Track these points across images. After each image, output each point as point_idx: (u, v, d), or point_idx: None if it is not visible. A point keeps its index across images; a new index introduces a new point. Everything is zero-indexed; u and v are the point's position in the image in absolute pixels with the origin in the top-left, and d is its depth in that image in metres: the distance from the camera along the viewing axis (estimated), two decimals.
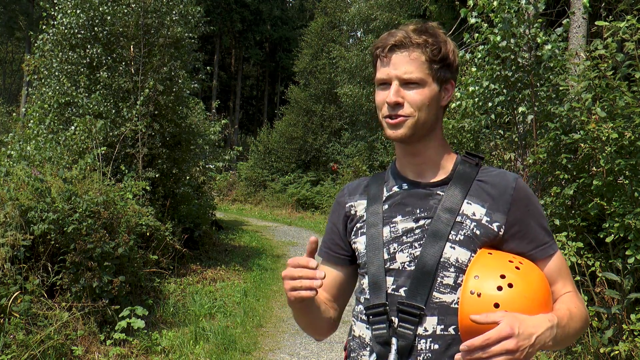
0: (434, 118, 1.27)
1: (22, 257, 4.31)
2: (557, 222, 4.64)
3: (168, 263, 6.91)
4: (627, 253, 3.82)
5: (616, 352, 3.75)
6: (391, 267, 1.25)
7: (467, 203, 1.24)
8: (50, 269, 4.58)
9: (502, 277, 1.12)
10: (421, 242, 1.23)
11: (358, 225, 1.35)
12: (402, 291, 1.22)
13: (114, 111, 7.42)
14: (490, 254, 1.20)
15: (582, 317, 1.23)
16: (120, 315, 4.72)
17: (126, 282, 4.94)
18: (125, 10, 7.72)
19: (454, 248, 1.21)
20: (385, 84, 1.25)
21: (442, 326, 1.18)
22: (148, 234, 6.41)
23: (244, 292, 7.08)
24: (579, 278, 4.25)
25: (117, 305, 4.76)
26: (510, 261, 1.17)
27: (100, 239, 4.67)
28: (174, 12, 8.13)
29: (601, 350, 3.85)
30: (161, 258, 6.70)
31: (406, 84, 1.22)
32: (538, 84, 5.11)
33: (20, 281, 4.19)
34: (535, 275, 1.17)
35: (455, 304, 1.19)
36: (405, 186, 1.32)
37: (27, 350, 3.73)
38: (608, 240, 3.97)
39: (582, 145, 4.39)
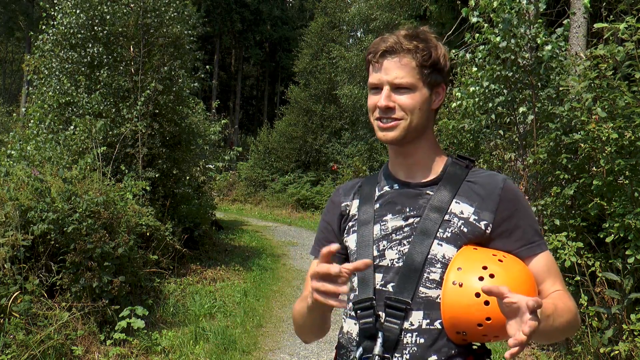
0: (424, 121, 1.30)
1: (22, 257, 4.31)
2: (557, 222, 4.64)
3: (168, 263, 6.91)
4: (627, 253, 3.82)
5: (616, 352, 3.75)
6: (380, 263, 1.28)
7: (456, 202, 1.27)
8: (50, 269, 4.57)
9: (484, 268, 1.14)
10: (410, 239, 1.26)
11: (350, 223, 1.39)
12: (389, 287, 1.25)
13: (113, 110, 7.42)
14: (475, 249, 1.22)
15: (569, 311, 1.22)
16: (120, 315, 4.72)
17: (126, 282, 4.93)
18: (125, 10, 7.72)
19: (441, 245, 1.24)
20: (377, 88, 1.30)
21: (428, 320, 1.21)
22: (148, 234, 6.40)
23: (244, 292, 7.07)
24: (578, 278, 4.25)
25: (117, 305, 4.76)
26: (494, 255, 1.19)
27: (100, 239, 4.66)
28: (171, 9, 8.12)
29: (601, 350, 3.85)
30: (161, 258, 6.69)
31: (397, 88, 1.26)
32: (539, 85, 5.11)
33: (20, 281, 4.19)
34: (519, 268, 1.18)
35: (439, 298, 1.20)
36: (396, 186, 1.36)
37: (27, 350, 3.73)
38: (608, 240, 3.97)
39: (582, 145, 4.39)
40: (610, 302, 4.08)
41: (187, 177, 9.39)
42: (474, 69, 5.42)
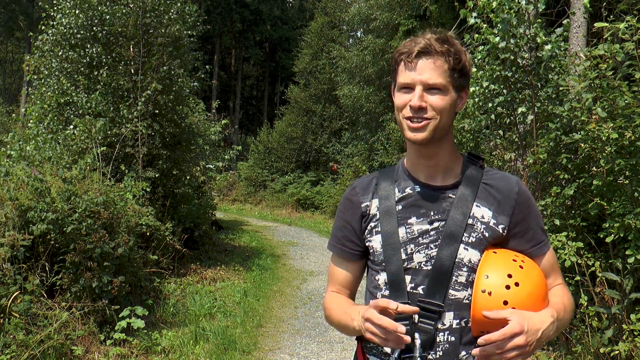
0: (450, 122, 1.37)
1: (21, 257, 4.30)
2: (557, 222, 4.63)
3: (168, 263, 6.91)
4: (627, 253, 3.82)
5: (616, 352, 3.75)
6: (409, 266, 1.35)
7: (477, 206, 1.36)
8: (49, 269, 4.57)
9: (509, 276, 1.26)
10: (437, 243, 1.34)
11: (372, 224, 1.43)
12: (420, 289, 1.34)
13: (112, 108, 7.42)
14: (495, 252, 1.33)
15: (572, 308, 1.39)
16: (120, 315, 4.72)
17: (126, 282, 4.93)
18: (124, 10, 7.71)
19: (467, 249, 1.33)
20: (409, 87, 1.33)
21: (458, 320, 1.32)
22: (148, 234, 6.40)
23: (244, 292, 7.07)
24: (579, 278, 4.25)
25: (117, 305, 4.76)
26: (514, 260, 1.30)
27: (100, 239, 4.66)
28: (172, 10, 8.11)
29: (601, 350, 3.85)
30: (161, 258, 6.69)
31: (430, 89, 1.31)
32: (539, 85, 5.11)
33: (20, 281, 4.19)
34: (537, 273, 1.31)
35: (466, 299, 1.31)
36: (417, 188, 1.41)
37: (27, 350, 3.73)
38: (608, 240, 3.97)
39: (582, 145, 4.38)
40: (610, 302, 4.08)
41: (187, 177, 9.39)
42: (474, 69, 5.41)
